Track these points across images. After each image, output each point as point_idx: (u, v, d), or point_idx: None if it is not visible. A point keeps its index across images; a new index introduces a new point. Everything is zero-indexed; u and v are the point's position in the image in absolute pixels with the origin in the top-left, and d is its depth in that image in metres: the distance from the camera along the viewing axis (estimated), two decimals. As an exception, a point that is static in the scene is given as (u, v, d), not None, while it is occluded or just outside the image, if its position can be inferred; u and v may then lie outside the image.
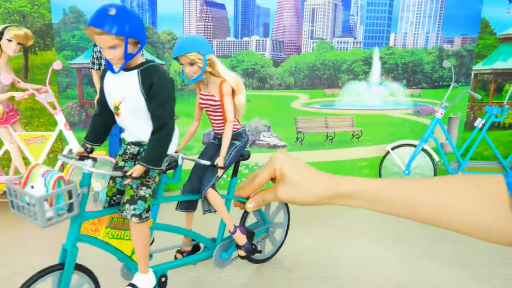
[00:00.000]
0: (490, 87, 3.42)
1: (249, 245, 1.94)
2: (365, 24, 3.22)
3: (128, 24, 1.31)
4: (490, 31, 3.29)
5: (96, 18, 1.29)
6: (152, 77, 1.39)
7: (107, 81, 1.48)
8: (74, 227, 1.51)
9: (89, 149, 1.55)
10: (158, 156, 1.44)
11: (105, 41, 1.31)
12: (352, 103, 3.32)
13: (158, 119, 1.42)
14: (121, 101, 1.43)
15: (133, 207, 1.49)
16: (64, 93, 3.14)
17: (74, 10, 3.00)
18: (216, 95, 1.80)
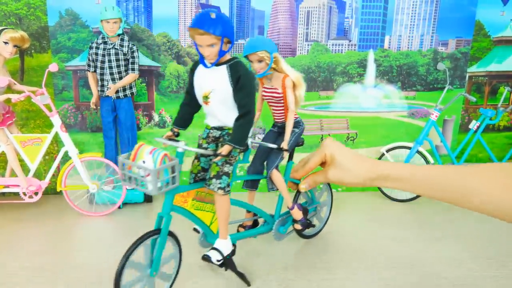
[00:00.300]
0: (484, 90, 3.43)
1: (304, 219, 2.24)
2: (360, 27, 3.24)
3: (225, 26, 1.59)
4: (485, 34, 3.29)
5: (200, 20, 1.56)
6: (239, 71, 1.66)
7: (198, 75, 1.75)
8: (169, 198, 1.73)
9: (176, 133, 1.87)
10: (242, 138, 1.71)
11: (205, 40, 1.57)
12: (347, 105, 3.33)
13: (244, 107, 1.69)
14: (211, 92, 1.70)
15: (219, 182, 1.76)
16: (60, 95, 3.15)
17: (70, 12, 3.02)
18: (279, 88, 2.08)
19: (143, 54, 3.13)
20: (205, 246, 2.03)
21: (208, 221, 1.93)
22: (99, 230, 2.71)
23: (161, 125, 3.28)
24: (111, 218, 2.87)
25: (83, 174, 2.83)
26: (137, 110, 3.23)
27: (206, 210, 1.91)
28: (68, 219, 2.83)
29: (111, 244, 2.49)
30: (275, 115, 2.21)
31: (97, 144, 3.24)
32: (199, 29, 1.55)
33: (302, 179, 0.70)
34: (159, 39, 3.14)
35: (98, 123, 3.19)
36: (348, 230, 2.72)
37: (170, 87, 3.22)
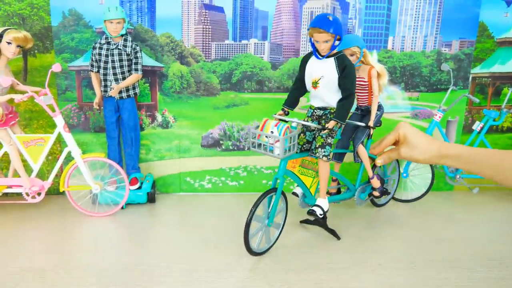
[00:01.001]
0: (488, 91, 3.42)
1: (382, 187, 2.67)
2: (363, 28, 3.22)
3: (337, 26, 1.98)
4: (488, 35, 3.28)
5: (320, 21, 1.97)
6: (345, 62, 2.07)
7: (311, 64, 2.16)
8: (284, 163, 2.17)
9: (287, 112, 2.26)
10: (345, 115, 2.11)
11: (323, 37, 1.99)
12: (350, 106, 3.31)
13: (348, 90, 2.09)
14: (320, 78, 2.11)
15: (323, 150, 2.16)
16: (63, 95, 3.14)
17: (74, 13, 3.01)
18: (365, 77, 2.52)
19: (146, 55, 3.12)
20: (303, 206, 2.45)
21: (309, 184, 2.34)
22: (102, 230, 2.69)
23: (164, 125, 3.27)
24: (114, 218, 2.86)
25: (86, 174, 2.82)
26: (140, 110, 3.22)
27: (308, 175, 2.35)
28: (71, 219, 2.81)
29: (114, 244, 2.48)
30: (359, 99, 2.64)
31: (100, 145, 3.22)
32: (320, 28, 1.95)
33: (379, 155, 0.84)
34: (163, 40, 3.13)
35: (101, 123, 3.18)
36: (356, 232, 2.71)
37: (173, 88, 3.21)
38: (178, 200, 3.27)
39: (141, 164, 3.26)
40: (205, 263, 2.23)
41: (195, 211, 3.02)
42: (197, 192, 3.40)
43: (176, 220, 2.86)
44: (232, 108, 3.26)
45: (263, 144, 2.07)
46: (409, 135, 0.79)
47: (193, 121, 3.26)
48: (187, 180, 3.36)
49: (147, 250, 2.40)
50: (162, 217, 2.94)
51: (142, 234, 2.63)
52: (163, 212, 3.03)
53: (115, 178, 2.96)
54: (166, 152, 3.30)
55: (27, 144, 2.76)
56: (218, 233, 2.61)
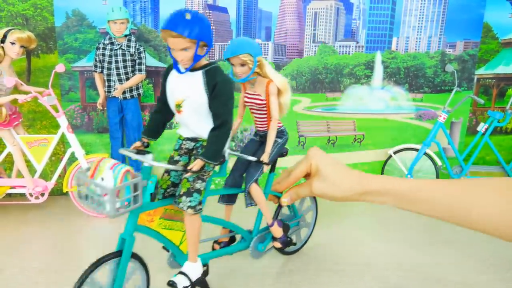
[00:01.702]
0: (492, 92, 3.39)
1: (285, 237, 2.05)
2: (367, 28, 3.20)
3: (200, 28, 1.41)
4: (493, 36, 3.26)
5: (173, 21, 1.38)
6: (216, 78, 1.49)
7: (171, 80, 1.56)
8: (133, 218, 1.56)
9: (146, 144, 1.68)
10: (217, 151, 1.54)
11: (178, 43, 1.40)
12: (354, 107, 3.29)
13: (219, 117, 1.52)
14: (184, 99, 1.53)
15: (189, 199, 1.58)
16: (67, 96, 3.12)
17: (77, 13, 2.99)
18: (262, 95, 1.90)
19: (150, 55, 3.10)
20: (174, 266, 1.83)
21: (178, 240, 1.75)
22: (105, 231, 2.67)
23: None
24: (118, 218, 2.82)
25: (90, 175, 2.79)
26: (143, 111, 3.20)
27: (175, 229, 1.73)
28: (74, 220, 2.79)
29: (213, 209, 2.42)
30: (257, 123, 2.02)
31: (104, 145, 3.20)
32: (172, 31, 1.38)
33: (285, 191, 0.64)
34: (166, 40, 3.10)
35: (105, 124, 3.16)
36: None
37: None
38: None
39: (144, 164, 3.24)
40: None
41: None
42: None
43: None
44: (235, 108, 3.23)
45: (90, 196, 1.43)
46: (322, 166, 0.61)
47: (197, 122, 3.24)
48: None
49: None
50: None
51: None
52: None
53: (119, 179, 2.94)
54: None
55: (31, 144, 2.74)
56: None
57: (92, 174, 1.43)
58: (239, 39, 1.94)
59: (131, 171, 1.44)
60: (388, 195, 0.59)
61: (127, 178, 1.42)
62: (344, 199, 0.60)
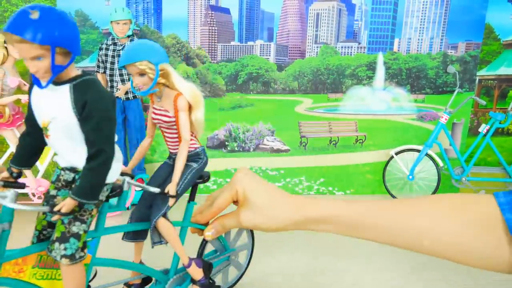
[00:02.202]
0: (494, 93, 3.37)
1: (205, 280, 1.71)
2: (369, 29, 3.19)
3: (56, 30, 1.07)
4: (495, 37, 3.24)
5: (14, 22, 1.04)
6: (86, 94, 1.16)
7: (34, 97, 1.23)
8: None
9: (15, 174, 1.31)
10: (92, 188, 1.23)
11: (26, 51, 1.07)
12: (356, 108, 3.28)
13: (93, 145, 1.19)
14: (51, 121, 1.20)
15: (64, 247, 1.27)
16: (70, 96, 3.11)
17: (80, 14, 2.98)
18: (170, 110, 1.57)
19: (152, 56, 3.09)
20: None
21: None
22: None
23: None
24: (120, 219, 2.82)
25: (92, 175, 2.78)
26: (146, 111, 3.19)
27: (57, 278, 1.41)
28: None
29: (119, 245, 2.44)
30: (168, 143, 1.68)
31: (106, 145, 3.19)
32: (14, 34, 1.04)
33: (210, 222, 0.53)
34: (169, 41, 3.09)
35: (107, 124, 3.14)
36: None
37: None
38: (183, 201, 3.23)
39: (146, 165, 3.23)
40: None
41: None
42: (202, 193, 3.37)
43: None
44: (238, 109, 3.23)
45: None
46: (251, 193, 0.50)
47: (199, 122, 3.23)
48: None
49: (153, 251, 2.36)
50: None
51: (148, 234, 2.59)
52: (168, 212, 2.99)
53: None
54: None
55: (34, 144, 2.73)
56: None
57: None
58: (137, 42, 1.56)
59: None
60: (328, 223, 0.50)
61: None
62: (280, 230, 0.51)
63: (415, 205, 0.50)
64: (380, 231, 0.49)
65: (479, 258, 0.48)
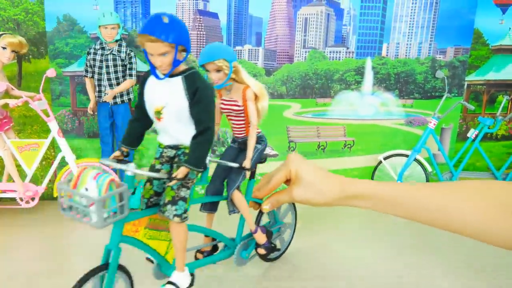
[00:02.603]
0: (483, 98, 3.34)
1: (268, 243, 2.02)
2: (358, 34, 3.15)
3: (179, 32, 1.36)
4: (483, 42, 3.20)
5: (151, 26, 1.33)
6: (196, 83, 1.44)
7: (150, 87, 1.50)
8: (118, 229, 1.52)
9: (125, 153, 1.60)
10: (201, 158, 1.48)
11: (157, 48, 1.34)
12: (344, 112, 3.25)
13: (202, 123, 1.46)
14: (164, 106, 1.47)
15: (175, 208, 1.53)
16: (57, 100, 3.09)
17: (68, 18, 2.96)
18: (239, 101, 1.87)
19: (141, 61, 3.06)
20: (159, 277, 1.78)
21: (163, 250, 1.69)
22: (96, 236, 2.63)
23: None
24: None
25: (79, 179, 2.76)
26: (134, 115, 3.17)
27: (160, 238, 1.68)
28: (65, 225, 2.76)
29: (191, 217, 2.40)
30: (235, 130, 1.99)
31: (94, 150, 3.17)
32: (150, 35, 1.32)
33: (265, 198, 0.62)
34: (157, 45, 3.07)
35: (95, 128, 3.12)
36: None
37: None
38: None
39: (135, 169, 3.20)
40: None
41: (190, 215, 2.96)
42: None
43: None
44: (226, 114, 3.20)
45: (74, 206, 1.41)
46: (302, 172, 0.59)
47: (187, 127, 3.21)
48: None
49: (141, 254, 2.33)
50: None
51: None
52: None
53: (109, 183, 2.91)
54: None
55: (21, 149, 2.71)
56: None
57: (75, 185, 1.38)
58: (214, 44, 1.84)
59: (115, 180, 1.40)
60: (369, 200, 0.58)
61: (112, 187, 1.38)
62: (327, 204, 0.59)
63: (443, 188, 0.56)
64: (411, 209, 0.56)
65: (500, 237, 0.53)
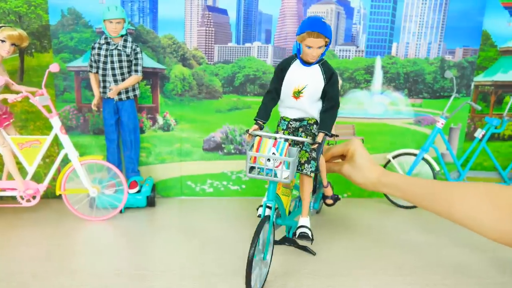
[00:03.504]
0: (490, 99, 3.26)
1: (335, 195, 2.42)
2: (368, 33, 3.05)
3: (331, 31, 1.72)
4: (491, 44, 3.13)
5: (320, 25, 1.65)
6: (331, 70, 1.81)
7: (294, 70, 1.82)
8: (274, 185, 1.80)
9: (262, 126, 1.86)
10: (331, 126, 1.81)
11: (318, 42, 1.66)
12: (354, 111, 3.14)
13: (333, 100, 1.81)
14: (305, 87, 1.80)
15: (310, 166, 1.84)
16: (62, 96, 2.91)
17: (73, 12, 2.78)
18: None
19: (147, 56, 2.90)
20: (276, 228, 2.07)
21: (286, 204, 2.04)
22: (99, 235, 2.47)
23: (165, 128, 3.05)
24: (112, 222, 2.64)
25: (83, 177, 2.59)
26: (141, 112, 3.00)
27: (285, 195, 2.06)
28: (67, 223, 2.59)
29: (111, 249, 2.27)
30: None
31: (99, 147, 3.00)
32: (320, 33, 1.63)
33: None
34: (165, 41, 2.91)
35: (101, 125, 2.95)
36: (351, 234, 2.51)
37: (175, 90, 2.99)
38: (178, 204, 3.06)
39: (141, 167, 3.04)
40: (204, 268, 2.03)
41: (196, 215, 2.81)
42: (198, 196, 3.19)
43: (176, 224, 2.65)
44: (235, 111, 3.06)
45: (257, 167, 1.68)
46: (357, 154, 0.76)
47: (195, 124, 3.05)
48: (188, 184, 3.15)
49: (145, 255, 2.20)
50: (161, 221, 2.73)
51: (141, 238, 2.42)
52: (162, 216, 2.81)
53: (114, 181, 2.74)
54: (167, 155, 3.08)
55: (22, 146, 2.52)
56: (219, 238, 2.40)
57: (257, 150, 1.67)
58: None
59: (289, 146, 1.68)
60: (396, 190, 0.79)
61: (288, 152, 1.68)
62: (363, 185, 0.80)
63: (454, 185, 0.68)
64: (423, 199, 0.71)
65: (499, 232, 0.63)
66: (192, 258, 2.14)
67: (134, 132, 2.84)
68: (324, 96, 1.83)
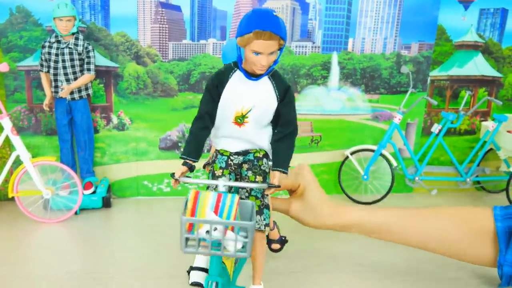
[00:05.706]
0: (446, 93, 3.65)
1: (281, 237, 2.10)
2: (324, 29, 3.39)
3: (285, 29, 1.30)
4: (446, 38, 3.50)
5: (272, 22, 1.23)
6: (285, 82, 1.40)
7: (236, 87, 1.39)
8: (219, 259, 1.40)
9: (193, 167, 1.44)
10: (289, 159, 1.43)
11: (271, 46, 1.25)
12: (311, 108, 3.48)
13: (291, 124, 1.43)
14: (251, 109, 1.40)
15: (263, 217, 1.47)
16: (12, 96, 3.18)
17: (22, 10, 3.05)
18: None
19: (100, 54, 3.19)
20: None
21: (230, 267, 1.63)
22: (53, 237, 2.75)
23: (120, 127, 3.36)
24: (67, 224, 2.92)
25: (36, 179, 2.88)
26: (94, 112, 3.29)
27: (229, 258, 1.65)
28: (20, 226, 2.85)
29: (65, 252, 2.53)
30: None
31: (53, 148, 3.28)
32: (274, 33, 1.21)
33: None
34: (117, 39, 3.20)
35: (53, 125, 3.23)
36: None
37: (129, 88, 3.30)
38: (135, 204, 3.36)
39: (96, 167, 3.34)
40: (159, 269, 2.27)
41: (152, 215, 3.12)
42: (155, 196, 3.51)
43: (132, 225, 2.96)
44: (191, 109, 3.38)
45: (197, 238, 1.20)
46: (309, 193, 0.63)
47: (151, 123, 3.36)
48: (145, 184, 3.46)
49: (101, 257, 2.43)
50: (117, 222, 3.03)
51: (96, 240, 2.69)
52: (118, 217, 3.12)
53: (68, 183, 3.03)
54: (122, 155, 3.39)
55: (-28, 148, 2.79)
56: (176, 239, 2.69)
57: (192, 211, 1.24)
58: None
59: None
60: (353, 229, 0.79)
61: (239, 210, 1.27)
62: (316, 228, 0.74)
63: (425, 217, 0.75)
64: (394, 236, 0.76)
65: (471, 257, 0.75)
66: (147, 259, 2.35)
67: (88, 132, 3.14)
68: (276, 119, 1.43)
